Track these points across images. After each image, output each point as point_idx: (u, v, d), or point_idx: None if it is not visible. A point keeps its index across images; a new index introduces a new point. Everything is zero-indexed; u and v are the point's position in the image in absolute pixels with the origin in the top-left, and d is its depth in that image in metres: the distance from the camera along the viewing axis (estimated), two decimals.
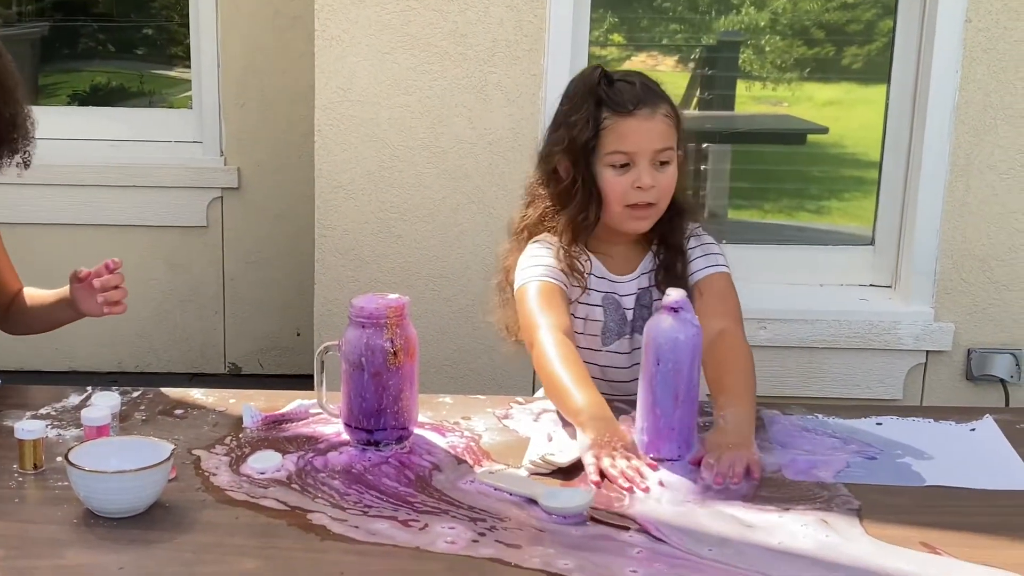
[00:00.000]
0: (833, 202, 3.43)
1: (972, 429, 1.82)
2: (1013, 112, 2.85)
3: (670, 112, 1.95)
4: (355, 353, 1.64)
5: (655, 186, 1.92)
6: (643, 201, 1.93)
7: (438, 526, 1.43)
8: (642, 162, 1.92)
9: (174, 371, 3.92)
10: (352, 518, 1.45)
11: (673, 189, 1.96)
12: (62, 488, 1.48)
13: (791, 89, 3.37)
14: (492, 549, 1.38)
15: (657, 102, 1.93)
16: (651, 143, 1.92)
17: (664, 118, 1.93)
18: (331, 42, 2.88)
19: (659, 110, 1.93)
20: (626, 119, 1.92)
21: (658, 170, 1.93)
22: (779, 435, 1.77)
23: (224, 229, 3.85)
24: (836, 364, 3.00)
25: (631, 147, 1.92)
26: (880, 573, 1.35)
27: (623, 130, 1.92)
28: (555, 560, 1.35)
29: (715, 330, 1.87)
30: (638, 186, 1.91)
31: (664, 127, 1.93)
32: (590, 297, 2.00)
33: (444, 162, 2.93)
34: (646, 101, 1.92)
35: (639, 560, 1.37)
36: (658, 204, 1.95)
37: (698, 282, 1.97)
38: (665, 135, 1.93)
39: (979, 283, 2.95)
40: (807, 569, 1.36)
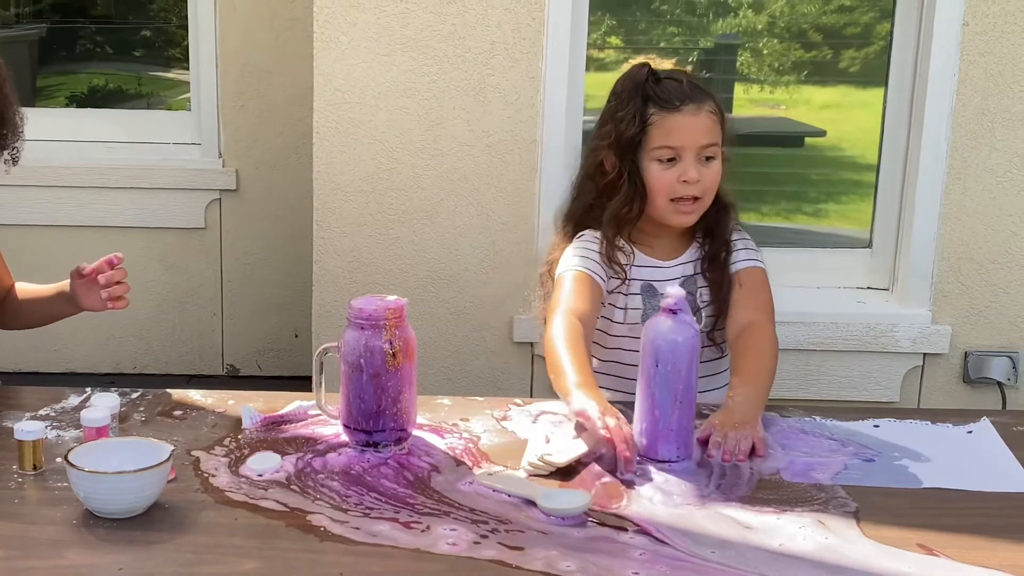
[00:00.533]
0: (831, 205, 3.43)
1: (969, 431, 1.82)
2: (1010, 115, 2.86)
3: (715, 109, 2.02)
4: (354, 355, 1.64)
5: (700, 180, 2.00)
6: (688, 195, 2.01)
7: (439, 528, 1.44)
8: (688, 156, 1.99)
9: (172, 372, 3.92)
10: (353, 519, 1.45)
11: (717, 184, 2.05)
12: (62, 489, 1.48)
13: (789, 92, 3.37)
14: (494, 551, 1.38)
15: (703, 98, 2.01)
16: (697, 138, 1.99)
17: (709, 114, 2.01)
18: (329, 44, 2.88)
19: (705, 106, 2.00)
20: (673, 115, 1.99)
21: (703, 165, 2.01)
22: (777, 437, 1.77)
23: (222, 231, 3.85)
24: (833, 367, 3.00)
25: (677, 142, 1.99)
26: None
27: (670, 125, 1.99)
28: (557, 562, 1.36)
29: (746, 321, 2.00)
30: (684, 180, 2.00)
31: (710, 123, 2.01)
32: (630, 287, 2.07)
33: (442, 164, 2.94)
34: (692, 97, 2.00)
35: (641, 562, 1.37)
36: (703, 198, 2.03)
37: (739, 272, 2.07)
38: (711, 131, 2.01)
39: (976, 286, 2.96)
40: (810, 572, 1.36)
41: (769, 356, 1.94)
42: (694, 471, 1.63)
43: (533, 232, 2.96)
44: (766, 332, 1.99)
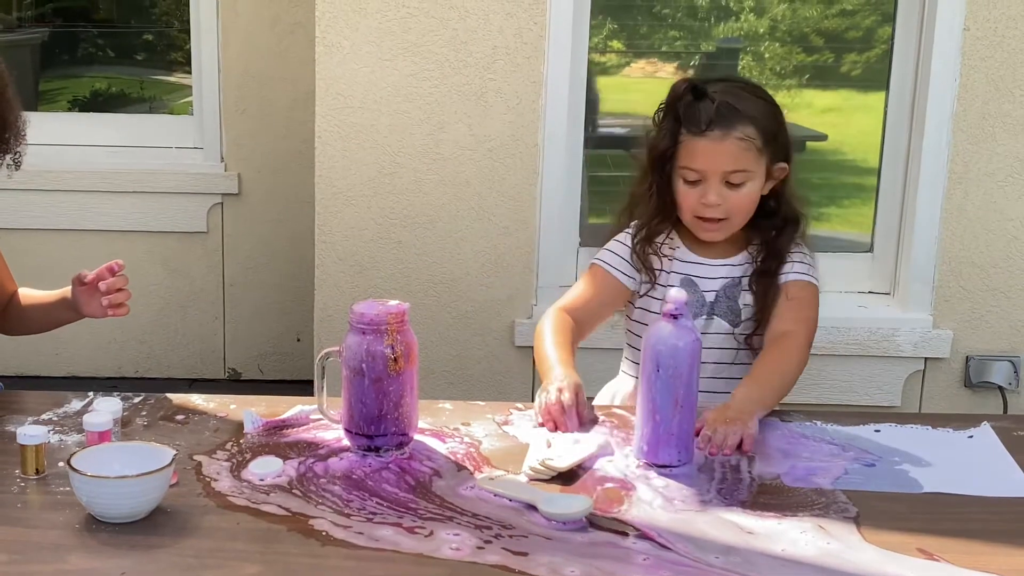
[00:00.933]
0: (832, 209, 3.43)
1: (970, 436, 1.82)
2: (1011, 120, 2.87)
3: (751, 134, 1.95)
4: (356, 359, 1.65)
5: (722, 204, 1.97)
6: (711, 216, 1.99)
7: (443, 532, 1.44)
8: (712, 180, 1.97)
9: (174, 376, 3.92)
10: (356, 524, 1.45)
11: (747, 206, 2.00)
12: (64, 493, 1.49)
13: (790, 96, 3.37)
14: (498, 556, 1.38)
15: (733, 123, 1.95)
16: (720, 165, 1.96)
17: (738, 140, 1.95)
18: (331, 49, 2.89)
19: (733, 132, 1.95)
20: (697, 139, 1.97)
21: (729, 189, 1.97)
22: (778, 442, 1.78)
23: (224, 235, 3.86)
24: (835, 371, 3.01)
25: (700, 166, 1.97)
26: None
27: (693, 149, 1.97)
28: (561, 567, 1.35)
29: (780, 331, 1.98)
30: (704, 203, 1.98)
31: (736, 150, 1.95)
32: (670, 278, 2.06)
33: (444, 169, 2.94)
34: (719, 122, 1.95)
35: (645, 567, 1.37)
36: (729, 219, 2.01)
37: (788, 283, 2.02)
38: (737, 157, 1.96)
39: (977, 290, 2.96)
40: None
41: (788, 363, 1.94)
42: (695, 476, 1.63)
43: (534, 236, 2.97)
44: (797, 343, 1.97)
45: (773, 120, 2.01)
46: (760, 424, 1.84)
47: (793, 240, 2.06)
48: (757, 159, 1.97)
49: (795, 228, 2.06)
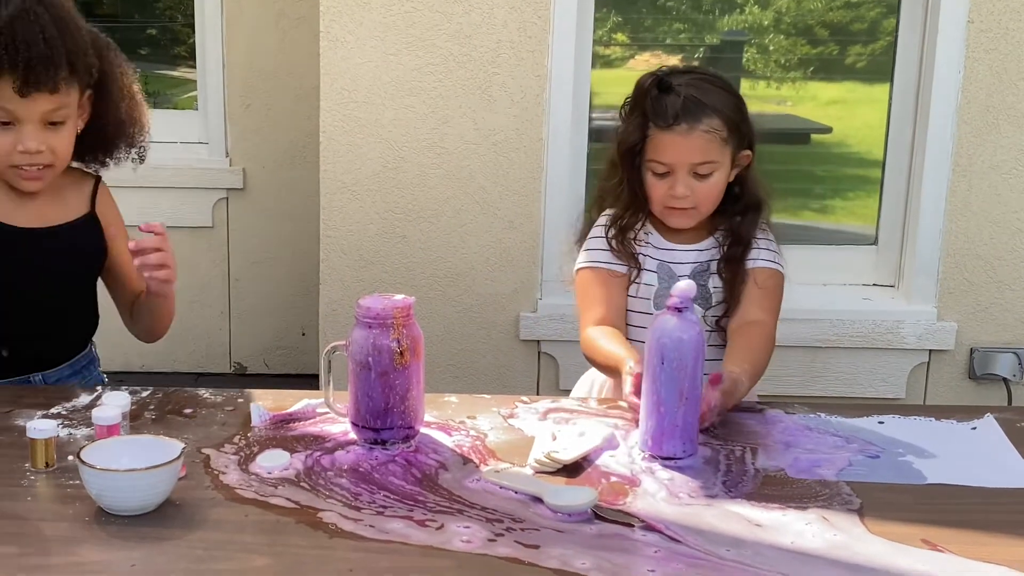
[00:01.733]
0: (837, 201, 3.43)
1: (973, 428, 1.83)
2: (1015, 112, 2.87)
3: (716, 126, 2.01)
4: (362, 353, 1.66)
5: (689, 195, 2.03)
6: (679, 206, 2.05)
7: (453, 525, 1.44)
8: (679, 172, 2.03)
9: (179, 371, 3.94)
10: (366, 517, 1.46)
11: (714, 195, 2.07)
12: (74, 486, 1.50)
13: (795, 88, 3.38)
14: (509, 548, 1.38)
15: (699, 116, 2.01)
16: (687, 157, 2.01)
17: (704, 133, 2.01)
18: (336, 43, 2.90)
19: (699, 126, 2.00)
20: (664, 133, 2.02)
21: (697, 180, 2.03)
22: (782, 434, 1.78)
23: (230, 230, 3.87)
24: (839, 363, 3.01)
25: (668, 159, 2.03)
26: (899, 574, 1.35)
27: (660, 143, 2.03)
28: (572, 560, 1.36)
29: (751, 318, 2.04)
30: (671, 194, 2.03)
31: (702, 142, 2.01)
32: (646, 263, 2.11)
33: (448, 163, 2.95)
34: (685, 116, 2.00)
35: (657, 560, 1.37)
36: (698, 208, 2.07)
37: (755, 270, 2.08)
38: (704, 150, 2.01)
39: (982, 282, 2.97)
40: (827, 570, 1.35)
41: (761, 351, 2.00)
42: (700, 468, 1.64)
43: (539, 230, 2.98)
44: (766, 330, 2.04)
45: (737, 111, 2.06)
46: (765, 415, 1.85)
47: (757, 225, 2.11)
48: (722, 149, 2.03)
49: (758, 213, 2.11)
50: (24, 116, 1.88)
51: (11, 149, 1.90)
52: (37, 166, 1.93)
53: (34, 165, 1.92)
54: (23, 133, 1.89)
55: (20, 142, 1.89)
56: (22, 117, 1.88)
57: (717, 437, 1.76)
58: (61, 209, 2.04)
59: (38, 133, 1.90)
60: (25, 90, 1.85)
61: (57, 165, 1.96)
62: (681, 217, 2.08)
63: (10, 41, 1.82)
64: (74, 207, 2.06)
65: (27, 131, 1.89)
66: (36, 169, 1.93)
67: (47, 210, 2.01)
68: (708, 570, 1.35)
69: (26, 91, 1.85)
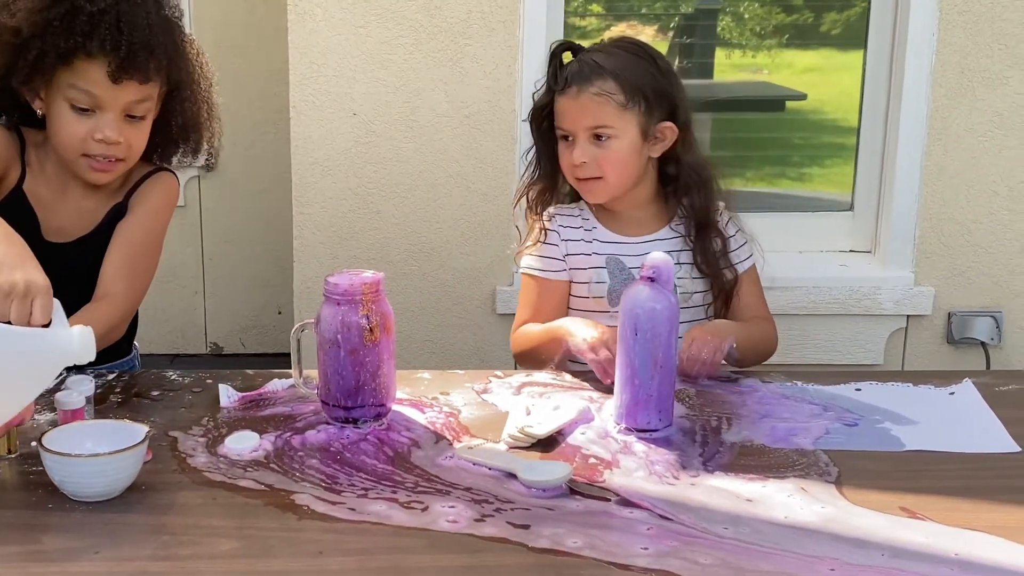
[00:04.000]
0: (814, 168, 3.42)
1: (951, 393, 1.82)
2: (989, 75, 2.85)
3: (610, 89, 1.97)
4: (331, 330, 1.63)
5: (587, 161, 2.00)
6: (584, 175, 2.02)
7: (438, 505, 1.41)
8: (579, 138, 2.01)
9: (155, 352, 3.90)
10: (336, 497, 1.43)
11: (619, 163, 2.01)
12: (37, 473, 1.47)
13: (770, 56, 3.35)
14: (496, 528, 1.36)
15: (591, 79, 1.98)
16: (580, 121, 1.99)
17: (594, 96, 1.97)
18: (303, 17, 2.85)
19: (589, 88, 1.98)
20: (560, 97, 2.02)
21: (596, 145, 2.00)
22: (758, 403, 1.77)
23: (202, 208, 3.83)
24: (817, 331, 3.00)
25: (564, 124, 2.02)
26: (903, 547, 1.32)
27: (558, 108, 2.03)
28: (564, 539, 1.33)
29: (750, 318, 2.11)
30: (572, 163, 2.01)
31: (594, 105, 1.98)
32: (593, 260, 2.07)
33: (421, 136, 2.91)
34: (576, 80, 1.99)
35: (650, 537, 1.34)
36: (604, 178, 2.02)
37: (743, 274, 2.11)
38: (595, 113, 1.98)
39: (958, 246, 2.96)
40: (830, 546, 1.32)
41: (765, 332, 2.09)
42: (677, 440, 1.62)
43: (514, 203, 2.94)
44: (773, 331, 2.14)
45: (646, 75, 2.00)
46: (740, 385, 1.84)
47: (709, 203, 2.07)
48: (619, 114, 1.98)
49: (704, 191, 2.06)
50: (108, 103, 1.82)
51: (87, 136, 1.83)
52: (110, 158, 1.86)
53: (108, 157, 1.86)
54: (103, 121, 1.82)
55: (99, 130, 1.82)
56: (105, 104, 1.82)
57: (693, 408, 1.74)
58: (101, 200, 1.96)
59: (118, 123, 1.83)
60: (119, 75, 1.78)
61: (129, 160, 1.90)
62: (590, 190, 2.05)
63: (114, 21, 1.76)
64: (110, 197, 1.97)
65: (107, 119, 1.83)
66: (108, 161, 1.87)
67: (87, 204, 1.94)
68: (706, 548, 1.31)
69: (119, 76, 1.78)
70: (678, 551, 1.30)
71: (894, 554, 1.30)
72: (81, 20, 1.76)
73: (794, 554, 1.30)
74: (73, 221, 1.94)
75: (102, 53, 1.77)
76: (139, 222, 1.96)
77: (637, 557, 1.29)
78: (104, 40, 1.76)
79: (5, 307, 1.47)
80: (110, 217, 1.95)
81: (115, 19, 1.77)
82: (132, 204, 1.96)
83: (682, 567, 1.27)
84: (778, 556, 1.30)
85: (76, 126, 1.83)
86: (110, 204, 1.96)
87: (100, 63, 1.78)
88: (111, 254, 1.93)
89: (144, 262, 1.98)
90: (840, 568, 1.27)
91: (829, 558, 1.29)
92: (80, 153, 1.85)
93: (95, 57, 1.78)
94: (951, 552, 1.31)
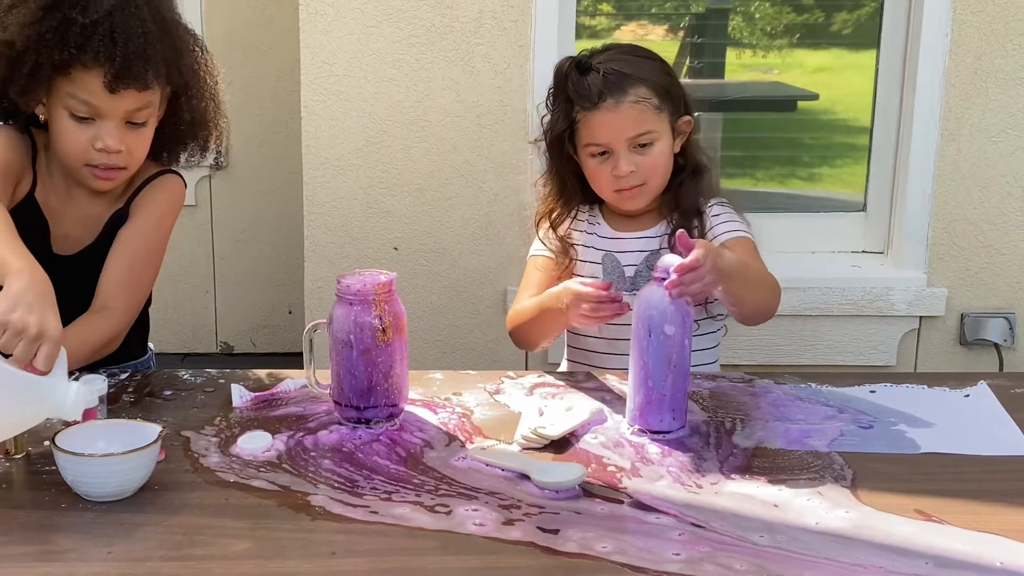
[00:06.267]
0: (825, 169, 3.41)
1: (966, 395, 1.81)
2: (1003, 75, 2.84)
3: (644, 94, 1.96)
4: (343, 331, 1.63)
5: (635, 170, 1.97)
6: (628, 185, 1.98)
7: (462, 509, 1.40)
8: (619, 150, 1.97)
9: (166, 351, 3.90)
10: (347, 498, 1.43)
11: (661, 166, 2.00)
12: (50, 472, 1.47)
13: (781, 56, 3.35)
14: (520, 532, 1.34)
15: (624, 88, 1.95)
16: (622, 132, 1.96)
17: (633, 104, 1.95)
18: (315, 16, 2.85)
19: (627, 97, 1.95)
20: (593, 113, 1.96)
21: (639, 153, 1.97)
22: (772, 405, 1.76)
23: (213, 208, 3.83)
24: (829, 332, 2.99)
25: (603, 139, 1.97)
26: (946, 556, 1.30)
27: (592, 124, 1.97)
28: (593, 544, 1.32)
29: None
30: (616, 174, 1.97)
31: (635, 113, 1.95)
32: (591, 254, 2.06)
33: (432, 136, 2.91)
34: (610, 91, 1.95)
35: (682, 543, 1.32)
36: (646, 183, 2.00)
37: (723, 243, 1.96)
38: (638, 120, 1.95)
39: (971, 247, 2.94)
40: (873, 554, 1.30)
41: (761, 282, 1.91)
42: (691, 443, 1.61)
43: (525, 203, 2.94)
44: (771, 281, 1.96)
45: (663, 75, 2.00)
46: (754, 386, 1.83)
47: (699, 190, 2.04)
48: (658, 117, 1.97)
49: (698, 178, 2.04)
50: (108, 112, 1.81)
51: (88, 146, 1.82)
52: (113, 167, 1.85)
53: (110, 166, 1.85)
54: (103, 130, 1.81)
55: (99, 139, 1.81)
56: (105, 113, 1.81)
57: (707, 409, 1.74)
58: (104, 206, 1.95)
59: (118, 131, 1.82)
60: (115, 85, 1.77)
61: (131, 167, 1.89)
62: (633, 197, 2.01)
63: (108, 32, 1.75)
64: (112, 203, 1.96)
65: (108, 128, 1.82)
66: (111, 169, 1.86)
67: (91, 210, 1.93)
68: (742, 555, 1.29)
69: (116, 86, 1.77)
70: (710, 557, 1.29)
71: (938, 563, 1.28)
72: (74, 32, 1.75)
73: (838, 563, 1.28)
74: (78, 229, 1.93)
75: (97, 64, 1.76)
76: (141, 229, 1.94)
77: (669, 563, 1.28)
78: (98, 52, 1.75)
79: (12, 344, 1.46)
80: (111, 223, 1.94)
81: (109, 29, 1.75)
82: (133, 210, 1.94)
83: (716, 573, 1.26)
84: (822, 565, 1.28)
85: (77, 134, 1.83)
86: (112, 210, 1.95)
87: (96, 73, 1.77)
88: (110, 262, 1.90)
89: (144, 272, 1.95)
90: None
91: (873, 566, 1.27)
92: (83, 163, 1.85)
93: (91, 68, 1.77)
94: (996, 561, 1.29)
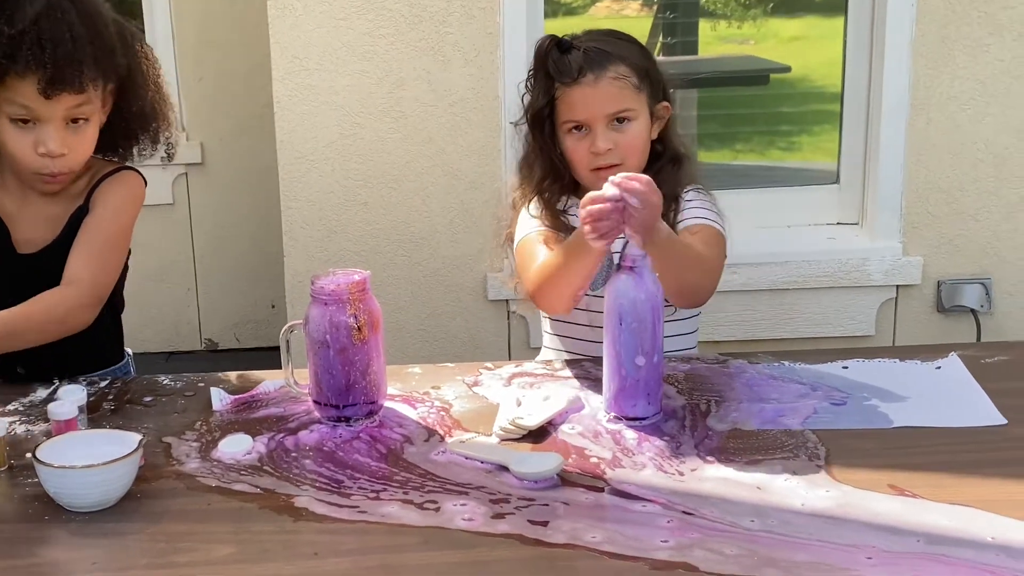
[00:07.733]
0: (803, 138, 3.42)
1: (938, 367, 1.83)
2: (970, 42, 2.85)
3: (624, 72, 1.96)
4: (319, 331, 1.64)
5: (612, 148, 1.96)
6: (605, 164, 1.96)
7: (449, 504, 1.42)
8: (597, 127, 1.96)
9: (150, 351, 3.91)
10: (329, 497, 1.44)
11: (638, 147, 2.00)
12: (32, 485, 1.48)
13: (756, 26, 3.35)
14: (510, 526, 1.36)
15: (605, 65, 1.95)
16: (601, 108, 1.95)
17: (613, 80, 1.95)
18: (284, 11, 2.84)
19: (606, 73, 1.95)
20: (572, 88, 1.96)
21: (616, 130, 1.96)
22: (746, 385, 1.78)
23: (191, 205, 3.83)
24: (807, 304, 3.01)
25: (582, 115, 1.97)
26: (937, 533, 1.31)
27: (571, 99, 1.96)
28: (582, 534, 1.33)
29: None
30: (594, 152, 1.96)
31: (614, 89, 1.95)
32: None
33: (405, 126, 2.91)
34: (590, 67, 1.95)
35: (670, 530, 1.34)
36: (624, 163, 1.97)
37: (684, 229, 1.96)
38: (617, 97, 1.95)
39: (945, 215, 2.96)
40: (866, 534, 1.31)
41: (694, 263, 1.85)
42: (667, 427, 1.63)
43: (501, 189, 2.95)
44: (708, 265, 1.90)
45: (643, 58, 2.01)
46: (728, 367, 1.85)
47: (678, 179, 2.03)
48: (637, 97, 1.97)
49: (677, 166, 2.04)
50: (46, 116, 1.81)
51: (32, 152, 1.83)
52: (57, 172, 1.86)
53: (55, 172, 1.86)
54: (44, 133, 1.82)
55: (41, 143, 1.82)
56: (44, 117, 1.81)
57: (682, 391, 1.76)
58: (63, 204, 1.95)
59: (59, 133, 1.82)
60: (50, 91, 1.77)
61: (76, 167, 1.90)
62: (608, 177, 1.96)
63: (35, 40, 1.75)
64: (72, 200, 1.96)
65: (48, 131, 1.82)
66: (56, 173, 1.86)
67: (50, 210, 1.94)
68: (733, 540, 1.31)
69: (51, 92, 1.77)
70: (700, 543, 1.30)
71: (929, 540, 1.29)
72: (2, 43, 1.75)
73: (831, 544, 1.29)
74: (39, 229, 1.94)
75: (29, 72, 1.77)
76: (101, 218, 1.94)
77: (658, 551, 1.29)
78: (28, 60, 1.75)
79: None
80: (73, 221, 1.94)
81: (36, 37, 1.75)
82: (92, 204, 1.95)
83: (707, 558, 1.27)
84: (815, 546, 1.29)
85: (21, 138, 1.83)
86: (73, 208, 1.95)
87: (30, 81, 1.77)
88: (75, 248, 1.91)
89: (110, 254, 1.95)
90: (878, 556, 1.26)
91: (867, 546, 1.28)
92: (32, 171, 1.86)
93: (24, 76, 1.77)
94: (987, 536, 1.30)
